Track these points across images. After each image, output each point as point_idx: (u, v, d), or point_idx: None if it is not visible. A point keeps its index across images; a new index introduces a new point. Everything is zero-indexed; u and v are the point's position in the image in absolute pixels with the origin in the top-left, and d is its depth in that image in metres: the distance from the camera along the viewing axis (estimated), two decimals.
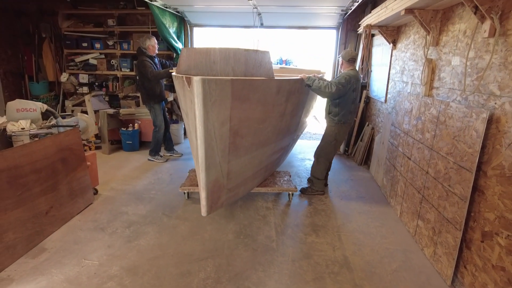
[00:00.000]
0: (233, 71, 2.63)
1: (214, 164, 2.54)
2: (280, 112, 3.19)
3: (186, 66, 2.74)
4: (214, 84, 2.24)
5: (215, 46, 2.61)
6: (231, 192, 2.99)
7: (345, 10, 5.38)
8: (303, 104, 3.98)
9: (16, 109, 3.73)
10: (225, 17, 6.63)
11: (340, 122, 3.87)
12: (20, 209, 2.75)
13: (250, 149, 2.94)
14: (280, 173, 4.36)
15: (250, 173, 3.25)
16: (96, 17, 7.14)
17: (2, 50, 7.27)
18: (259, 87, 2.63)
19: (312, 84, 3.54)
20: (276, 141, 3.49)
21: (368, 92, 5.92)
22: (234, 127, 2.57)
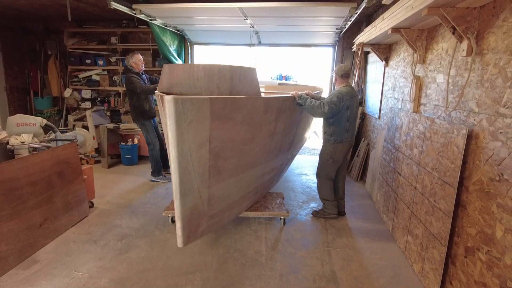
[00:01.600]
0: (217, 89, 2.51)
1: (191, 190, 2.34)
2: (270, 132, 3.05)
3: (168, 83, 2.60)
4: (190, 103, 2.06)
5: (202, 63, 2.61)
6: (213, 219, 2.78)
7: (340, 28, 5.52)
8: (297, 122, 3.87)
9: (16, 123, 3.85)
10: (224, 36, 6.82)
11: (336, 142, 3.73)
12: (14, 221, 2.82)
13: (235, 171, 2.76)
14: (272, 195, 4.13)
15: (237, 197, 3.06)
16: (100, 35, 7.38)
17: (9, 67, 7.51)
18: (243, 106, 2.48)
19: (304, 103, 3.45)
20: (267, 162, 3.33)
21: (364, 108, 6.00)
22: (215, 149, 2.39)
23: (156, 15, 5.41)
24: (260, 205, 3.79)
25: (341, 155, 3.82)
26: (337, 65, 3.73)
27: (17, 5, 5.90)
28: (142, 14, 5.09)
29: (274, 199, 4.02)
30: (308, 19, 5.01)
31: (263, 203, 3.86)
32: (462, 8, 2.26)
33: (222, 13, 4.94)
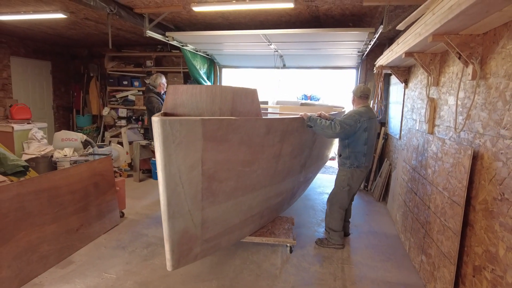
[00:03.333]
0: (219, 110, 2.53)
1: (181, 212, 2.27)
2: (274, 154, 2.94)
3: (173, 104, 2.61)
4: (179, 124, 2.04)
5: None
6: (208, 243, 2.66)
7: (361, 51, 5.69)
8: (309, 144, 3.70)
9: (61, 138, 4.32)
10: (250, 59, 7.19)
11: (352, 166, 3.50)
12: (55, 225, 3.17)
13: (233, 194, 2.66)
14: (282, 220, 3.90)
15: (237, 221, 2.93)
16: (136, 58, 8.03)
17: (57, 88, 8.32)
18: (240, 127, 2.41)
19: (313, 125, 3.27)
20: (272, 185, 3.19)
21: (386, 129, 6.05)
22: (209, 170, 2.32)
23: (187, 42, 5.87)
24: (266, 230, 3.60)
25: (359, 182, 3.61)
26: (355, 86, 3.59)
27: (68, 34, 6.63)
28: (175, 40, 5.57)
29: (283, 224, 3.79)
30: (329, 43, 5.23)
31: (270, 228, 3.65)
32: (466, 35, 2.39)
33: (247, 39, 5.29)
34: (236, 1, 4.03)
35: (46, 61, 8.00)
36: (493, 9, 1.80)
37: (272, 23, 5.11)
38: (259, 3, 3.98)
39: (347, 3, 3.95)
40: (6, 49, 7.02)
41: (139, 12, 4.59)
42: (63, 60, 8.44)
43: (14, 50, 7.19)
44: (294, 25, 5.14)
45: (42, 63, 7.91)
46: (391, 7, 3.95)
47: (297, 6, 4.16)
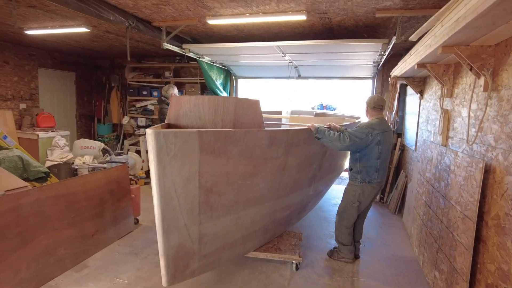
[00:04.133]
0: (222, 121, 2.51)
1: (176, 226, 2.20)
2: (279, 166, 2.84)
3: (175, 114, 2.59)
4: (173, 137, 2.00)
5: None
6: (207, 259, 2.57)
7: (376, 62, 5.66)
8: (319, 156, 3.56)
9: (80, 146, 4.50)
10: (265, 70, 7.28)
11: (363, 181, 3.32)
12: (72, 229, 3.29)
13: (234, 208, 2.57)
14: (290, 234, 3.75)
15: (238, 236, 2.83)
16: (156, 69, 8.27)
17: (80, 97, 8.68)
18: (240, 139, 2.35)
19: (321, 137, 3.13)
20: (277, 198, 3.08)
21: (403, 140, 5.95)
22: (206, 183, 2.25)
23: (203, 53, 6.03)
24: (272, 245, 3.45)
25: (370, 199, 3.43)
26: (369, 96, 3.45)
27: (91, 46, 6.94)
28: (191, 52, 5.73)
29: (290, 239, 3.64)
30: (344, 54, 5.25)
31: (276, 243, 3.50)
32: (476, 47, 2.36)
33: (262, 51, 5.38)
34: (250, 14, 4.13)
35: (70, 72, 8.38)
36: (500, 22, 1.78)
37: (286, 34, 5.18)
38: (272, 16, 4.06)
39: (359, 15, 3.97)
40: (35, 61, 7.41)
41: (156, 25, 4.77)
42: (86, 71, 8.82)
43: (42, 62, 7.58)
44: (308, 37, 5.19)
45: (67, 74, 8.30)
46: (405, 18, 3.94)
47: (310, 18, 4.22)
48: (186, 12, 4.20)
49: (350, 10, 3.81)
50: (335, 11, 3.85)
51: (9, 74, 6.87)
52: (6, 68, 6.80)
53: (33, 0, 3.81)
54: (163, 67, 8.10)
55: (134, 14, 4.34)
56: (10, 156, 3.56)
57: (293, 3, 3.65)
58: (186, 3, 3.85)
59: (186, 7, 4.00)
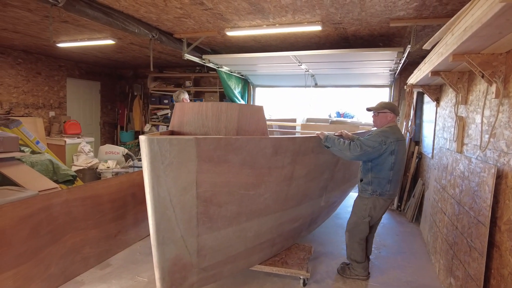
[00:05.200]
0: (225, 129, 2.44)
1: (172, 238, 2.09)
2: (285, 176, 2.67)
3: (179, 122, 2.54)
4: (168, 144, 1.90)
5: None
6: (207, 272, 2.46)
7: (393, 70, 5.69)
8: (331, 165, 3.36)
9: (105, 151, 4.74)
10: (283, 79, 7.43)
11: (374, 194, 3.08)
12: (97, 230, 3.48)
13: (235, 219, 2.44)
14: (299, 248, 3.55)
15: (241, 248, 2.67)
16: (177, 79, 8.57)
17: (104, 106, 9.08)
18: (242, 147, 2.23)
19: (331, 145, 2.93)
20: (284, 210, 2.92)
21: (420, 148, 5.92)
22: (205, 193, 2.14)
23: (222, 63, 6.24)
24: (279, 259, 3.25)
25: (382, 212, 3.20)
26: (378, 103, 3.23)
27: (115, 57, 7.29)
28: (211, 63, 5.95)
29: (299, 252, 3.44)
30: (359, 62, 5.33)
31: (283, 257, 3.31)
32: (487, 54, 2.41)
33: (278, 60, 5.53)
34: (267, 26, 4.29)
35: (96, 82, 8.81)
36: (506, 31, 1.84)
37: (303, 44, 5.31)
38: (288, 27, 4.21)
39: (374, 24, 4.05)
40: (64, 72, 7.85)
41: (178, 37, 5.01)
42: (111, 81, 9.24)
43: (70, 72, 8.02)
44: (324, 46, 5.30)
45: (92, 83, 8.72)
46: (419, 27, 4.00)
47: (325, 29, 4.34)
48: (206, 24, 4.41)
49: (364, 20, 3.90)
50: (350, 21, 3.96)
51: (41, 84, 7.32)
52: (38, 79, 7.25)
53: (66, 16, 4.12)
54: (183, 77, 8.39)
55: (157, 27, 4.60)
56: (42, 160, 3.82)
57: (309, 14, 3.78)
58: (206, 16, 4.05)
59: (206, 20, 4.20)
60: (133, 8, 3.82)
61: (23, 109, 6.98)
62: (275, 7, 3.58)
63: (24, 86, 6.98)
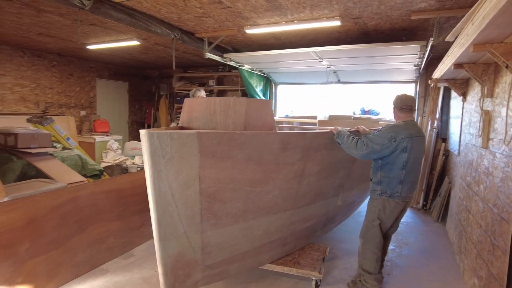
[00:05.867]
0: (233, 124, 2.40)
1: (175, 234, 2.07)
2: (295, 173, 2.58)
3: (188, 118, 2.52)
4: (169, 139, 1.89)
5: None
6: (212, 270, 2.41)
7: (417, 65, 5.52)
8: (347, 162, 3.20)
9: (130, 148, 4.94)
10: (304, 76, 7.39)
11: (383, 195, 2.83)
12: (120, 222, 3.65)
13: (242, 217, 2.38)
14: (313, 248, 3.43)
15: (249, 247, 2.60)
16: (201, 78, 8.75)
17: (132, 105, 9.44)
18: (246, 143, 2.16)
19: (341, 142, 2.79)
20: (295, 208, 2.81)
21: (447, 145, 5.70)
22: (208, 189, 2.09)
23: (243, 62, 6.31)
24: (291, 259, 3.15)
25: (393, 216, 2.89)
26: (396, 96, 2.94)
27: (141, 58, 7.56)
28: (232, 61, 6.03)
29: (313, 253, 3.32)
30: (382, 57, 5.21)
31: (296, 257, 3.20)
32: (511, 44, 2.30)
33: (298, 57, 5.52)
34: (285, 22, 4.31)
35: (124, 82, 9.17)
36: None
37: (322, 40, 5.28)
38: (307, 23, 4.20)
39: (394, 18, 3.96)
40: (94, 73, 8.24)
41: (199, 36, 5.13)
42: (138, 81, 9.58)
43: (100, 73, 8.40)
44: (344, 42, 5.23)
45: (120, 84, 9.09)
46: (443, 18, 3.87)
47: (345, 24, 4.29)
48: (225, 23, 4.48)
49: (384, 14, 3.82)
50: (369, 15, 3.89)
51: (73, 85, 7.73)
52: (71, 80, 7.65)
53: (93, 19, 4.34)
54: (207, 76, 8.55)
55: (179, 27, 4.73)
56: (71, 155, 4.05)
57: (327, 9, 3.76)
58: (225, 15, 4.12)
59: (225, 18, 4.28)
60: (154, 9, 3.96)
61: (57, 108, 7.40)
62: (292, 3, 3.59)
63: (58, 87, 7.40)
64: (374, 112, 9.00)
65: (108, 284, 3.02)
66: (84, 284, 3.01)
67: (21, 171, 3.47)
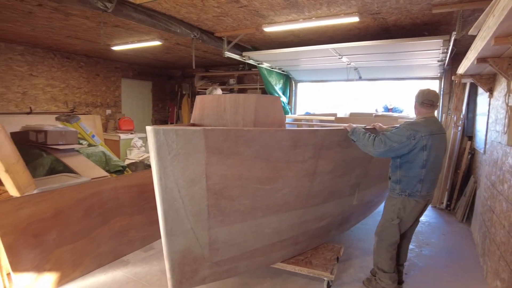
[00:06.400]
0: (242, 121, 2.40)
1: (181, 230, 2.09)
2: (306, 171, 2.54)
3: (200, 114, 2.54)
4: (174, 135, 1.90)
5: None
6: (220, 267, 2.41)
7: (441, 61, 5.35)
8: (364, 161, 3.13)
9: None
10: (324, 73, 7.32)
11: (403, 194, 2.75)
12: (142, 216, 3.78)
13: (251, 214, 2.36)
14: (327, 248, 3.37)
15: (259, 244, 2.59)
16: (221, 77, 8.87)
17: (155, 104, 9.70)
18: (254, 139, 2.15)
19: (356, 139, 2.72)
20: (308, 207, 2.78)
21: (473, 143, 5.49)
22: (215, 186, 2.10)
23: (262, 60, 6.34)
24: (303, 258, 3.11)
25: (413, 215, 2.81)
26: (419, 90, 2.83)
27: (164, 58, 7.76)
28: (251, 59, 6.08)
29: (326, 253, 3.26)
30: (404, 53, 5.08)
31: (308, 256, 3.16)
32: None
33: (318, 54, 5.48)
34: (303, 19, 4.30)
35: (148, 82, 9.44)
36: None
37: (342, 37, 5.22)
38: (325, 19, 4.17)
39: (415, 12, 3.86)
40: (119, 73, 8.54)
41: (219, 35, 5.21)
42: (161, 80, 9.84)
43: (125, 73, 8.70)
44: (364, 38, 5.15)
45: (144, 83, 9.37)
46: (468, 11, 3.74)
47: (363, 20, 4.22)
48: (243, 21, 4.53)
49: (404, 9, 3.74)
50: (388, 10, 3.82)
51: (99, 85, 8.05)
52: (97, 80, 7.98)
53: (116, 20, 4.51)
54: (228, 75, 8.65)
55: (198, 26, 4.83)
56: (96, 152, 4.24)
57: (344, 5, 3.72)
58: (243, 14, 4.17)
59: (243, 17, 4.33)
60: (174, 10, 4.07)
61: (84, 107, 7.74)
62: (308, 0, 3.58)
63: (85, 87, 7.73)
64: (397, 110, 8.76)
65: (128, 275, 3.15)
66: (106, 274, 3.16)
67: (50, 166, 3.68)
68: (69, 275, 2.99)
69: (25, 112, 6.59)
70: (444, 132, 2.76)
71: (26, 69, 6.60)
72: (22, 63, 6.52)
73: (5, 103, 6.30)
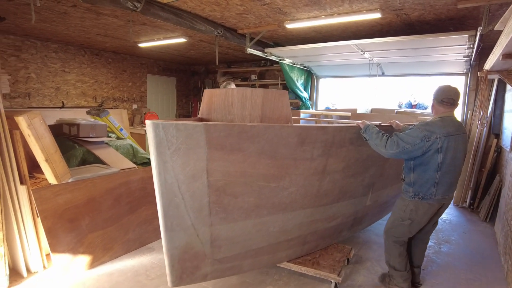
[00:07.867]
0: (249, 116, 2.35)
1: (182, 226, 2.05)
2: (315, 170, 2.46)
3: (208, 109, 2.51)
4: (174, 130, 1.86)
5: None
6: (223, 264, 2.37)
7: (467, 56, 5.23)
8: (379, 160, 3.00)
9: None
10: (347, 69, 7.30)
11: (416, 197, 2.63)
12: None
13: (255, 212, 2.31)
14: (337, 249, 3.28)
15: (263, 243, 2.54)
16: (243, 73, 9.00)
17: (179, 100, 9.98)
18: (259, 135, 2.09)
19: (368, 138, 2.61)
20: (317, 206, 2.70)
21: (500, 141, 5.35)
22: (217, 182, 2.06)
23: (284, 56, 6.41)
24: (311, 258, 3.03)
25: (426, 217, 2.69)
26: (438, 86, 2.65)
27: (188, 54, 7.96)
28: (273, 55, 6.16)
29: (335, 254, 3.17)
30: (428, 49, 5.02)
31: (316, 257, 3.08)
32: None
33: (340, 50, 5.49)
34: (325, 16, 4.33)
35: (172, 77, 9.71)
36: None
37: (365, 33, 5.20)
38: (347, 16, 4.19)
39: (439, 8, 3.81)
40: (145, 69, 8.83)
41: (241, 32, 5.32)
42: (185, 76, 10.09)
43: (150, 69, 8.99)
44: (387, 34, 5.10)
45: (169, 79, 9.64)
46: (496, 5, 3.66)
47: (386, 16, 4.21)
48: (266, 18, 4.61)
49: (427, 4, 3.70)
50: (411, 6, 3.79)
51: (126, 80, 8.37)
52: (124, 75, 8.30)
53: (144, 19, 4.71)
54: (249, 71, 8.77)
55: (221, 24, 4.95)
56: (124, 144, 4.46)
57: (366, 2, 3.73)
58: (265, 11, 4.26)
59: (265, 14, 4.41)
60: (199, 8, 4.21)
61: (111, 102, 8.08)
62: None
63: (112, 82, 8.07)
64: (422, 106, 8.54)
65: (153, 261, 3.35)
66: (133, 259, 3.37)
67: (82, 157, 3.91)
68: (100, 258, 3.22)
69: (58, 106, 6.98)
70: (463, 132, 2.59)
71: (59, 65, 6.97)
72: (56, 60, 6.90)
73: (40, 98, 6.70)
